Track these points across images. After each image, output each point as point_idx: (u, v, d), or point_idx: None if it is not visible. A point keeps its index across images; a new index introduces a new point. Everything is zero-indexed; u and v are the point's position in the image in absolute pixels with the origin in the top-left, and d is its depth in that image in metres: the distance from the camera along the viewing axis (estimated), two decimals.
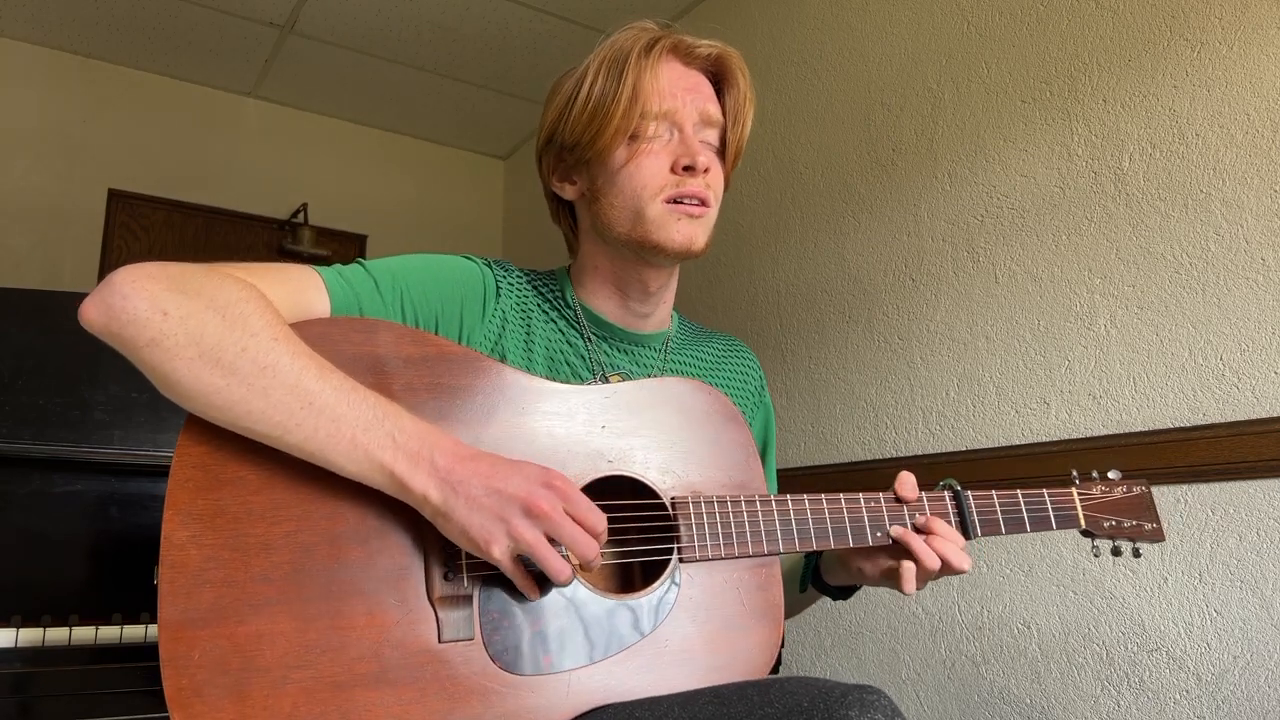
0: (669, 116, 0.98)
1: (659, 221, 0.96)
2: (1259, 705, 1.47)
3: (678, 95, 0.98)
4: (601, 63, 0.98)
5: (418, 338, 0.86)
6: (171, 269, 0.77)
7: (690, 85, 1.00)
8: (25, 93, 3.30)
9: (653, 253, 0.98)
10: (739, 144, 1.04)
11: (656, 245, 0.97)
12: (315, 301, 0.85)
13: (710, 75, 1.03)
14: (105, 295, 0.75)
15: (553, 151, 1.04)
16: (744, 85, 1.03)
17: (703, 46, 1.01)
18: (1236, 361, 1.55)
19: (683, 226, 0.97)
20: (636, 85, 0.96)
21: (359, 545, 0.77)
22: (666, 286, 1.07)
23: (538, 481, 0.76)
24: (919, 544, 0.94)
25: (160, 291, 0.75)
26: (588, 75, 0.99)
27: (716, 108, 1.02)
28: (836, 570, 1.07)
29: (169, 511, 0.74)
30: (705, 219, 0.99)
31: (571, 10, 3.10)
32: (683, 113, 0.98)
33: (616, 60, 0.97)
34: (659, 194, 0.96)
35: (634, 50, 0.97)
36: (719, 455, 0.93)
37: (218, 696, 0.71)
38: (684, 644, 0.85)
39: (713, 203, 1.00)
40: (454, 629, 0.78)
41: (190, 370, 0.74)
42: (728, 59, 1.03)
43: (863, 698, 0.69)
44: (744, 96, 1.03)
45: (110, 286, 0.75)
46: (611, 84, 0.96)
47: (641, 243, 0.97)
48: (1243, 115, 1.57)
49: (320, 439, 0.74)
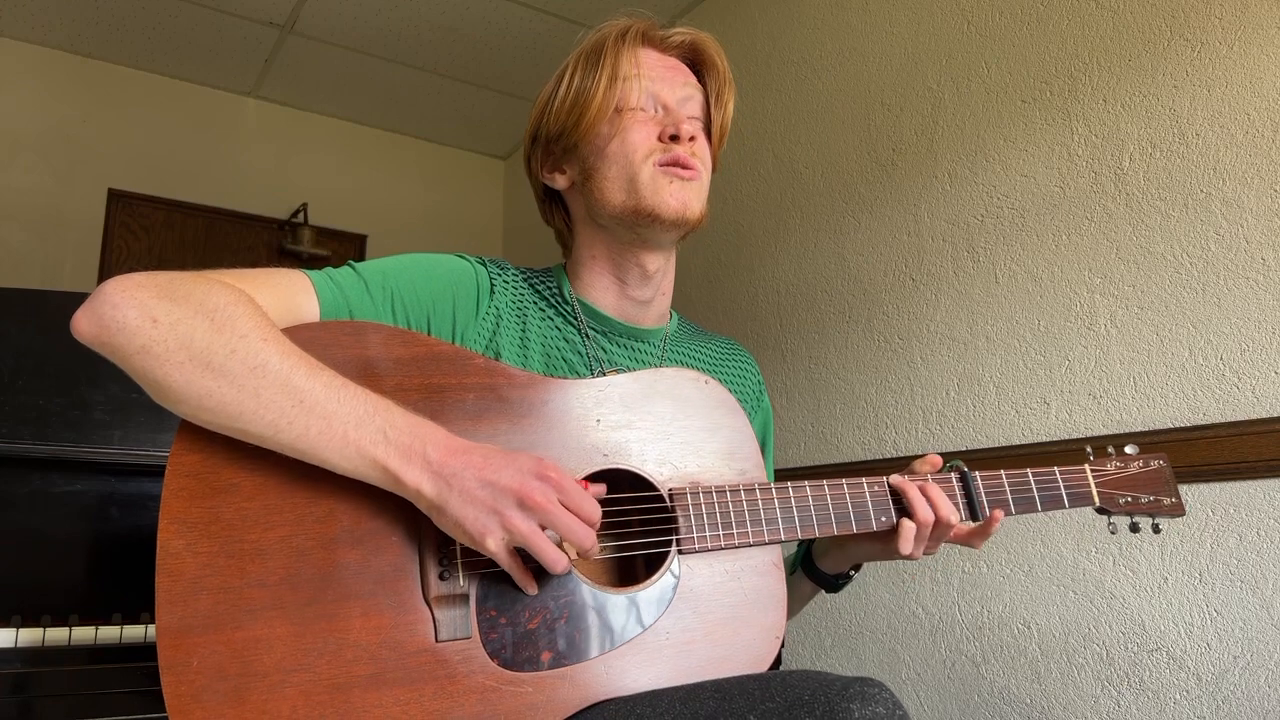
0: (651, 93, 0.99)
1: (652, 185, 0.96)
2: (1259, 705, 1.47)
3: (658, 75, 1.00)
4: (578, 59, 1.01)
5: (408, 338, 0.86)
6: (160, 277, 0.78)
7: (669, 66, 1.02)
8: (25, 93, 3.30)
9: (648, 221, 0.97)
10: (723, 124, 1.04)
11: (651, 211, 0.96)
12: (304, 305, 0.85)
13: (688, 61, 1.05)
14: (95, 305, 0.75)
15: (539, 146, 1.05)
16: (722, 67, 1.04)
17: (676, 34, 1.03)
18: (1236, 361, 1.55)
19: (675, 189, 0.97)
20: (615, 65, 0.98)
21: (354, 547, 0.77)
22: (665, 272, 1.07)
23: (531, 473, 0.76)
24: (914, 492, 0.95)
25: (149, 299, 0.75)
26: (566, 72, 1.01)
27: (698, 87, 1.03)
28: (832, 553, 1.07)
29: (164, 520, 0.74)
30: (697, 184, 0.99)
31: (572, 10, 3.10)
32: (664, 89, 1.00)
33: (593, 52, 1.00)
34: (649, 157, 0.97)
35: (609, 38, 1.00)
36: (717, 444, 0.93)
37: (217, 702, 0.71)
38: (685, 636, 0.85)
39: (702, 171, 1.00)
40: (451, 628, 0.78)
41: (181, 375, 0.74)
42: (702, 43, 1.04)
43: (864, 690, 0.69)
44: (723, 78, 1.04)
45: (100, 297, 0.76)
46: (590, 71, 0.99)
47: (636, 210, 0.97)
48: (1243, 115, 1.57)
49: (312, 437, 0.74)
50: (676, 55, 1.03)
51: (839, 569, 1.09)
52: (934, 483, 0.98)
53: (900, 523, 0.96)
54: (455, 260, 0.99)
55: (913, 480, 0.98)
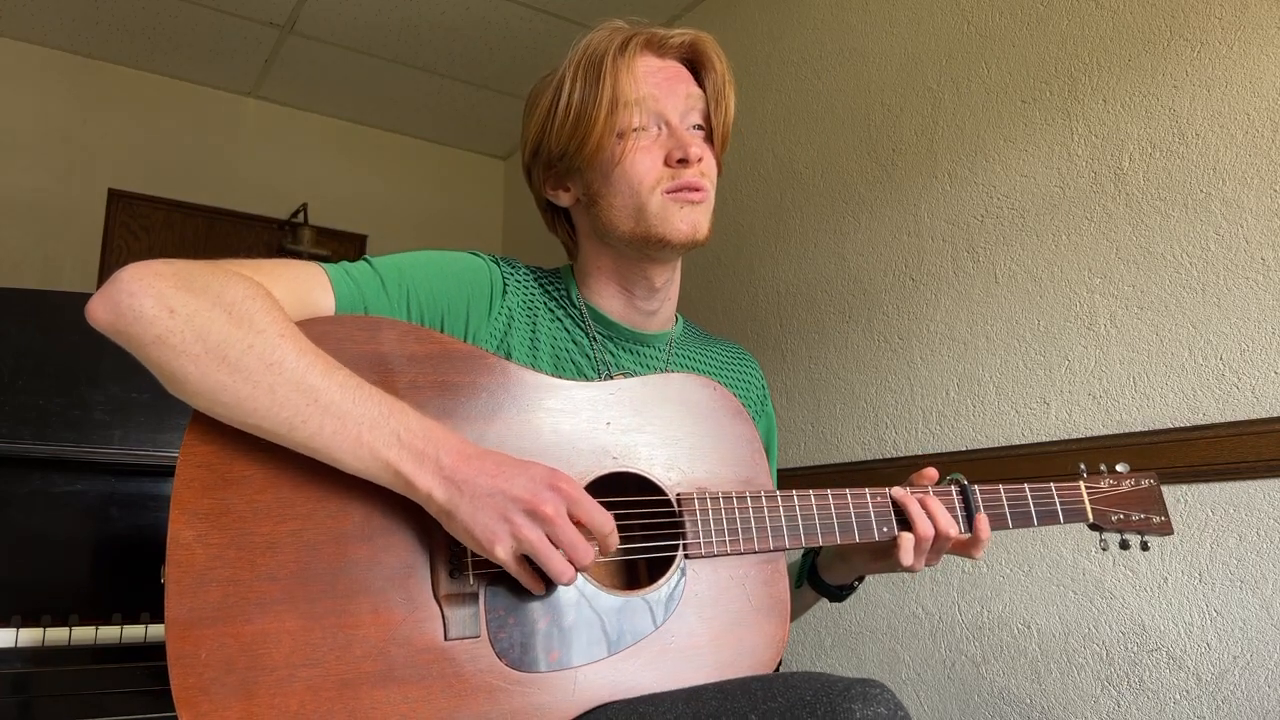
0: (654, 111, 0.98)
1: (661, 214, 0.96)
2: (1259, 705, 1.47)
3: (659, 87, 0.99)
4: (577, 68, 0.98)
5: (422, 335, 0.86)
6: (178, 266, 0.77)
7: (669, 75, 1.00)
8: (25, 93, 3.30)
9: (658, 247, 0.98)
10: (725, 126, 1.04)
11: (661, 239, 0.97)
12: (320, 299, 0.85)
13: (686, 63, 1.04)
14: (112, 293, 0.75)
15: (541, 163, 1.04)
16: (721, 67, 1.03)
17: (675, 36, 1.02)
18: (1236, 361, 1.55)
19: (685, 215, 0.97)
20: (616, 85, 0.96)
21: (365, 543, 0.77)
22: (671, 281, 1.07)
23: (543, 483, 0.76)
24: (914, 506, 0.96)
25: (167, 289, 0.75)
26: (565, 83, 0.99)
27: (699, 92, 1.02)
28: (835, 566, 1.07)
29: (175, 510, 0.74)
30: (705, 204, 0.99)
31: (571, 10, 3.10)
32: (667, 105, 0.98)
33: (592, 64, 0.97)
34: (657, 187, 0.96)
35: (609, 51, 0.97)
36: (724, 451, 0.93)
37: (224, 695, 0.71)
38: (690, 640, 0.85)
39: (710, 189, 1.00)
40: (460, 626, 0.78)
41: (196, 367, 0.74)
42: (701, 43, 1.03)
43: (866, 691, 0.69)
44: (723, 78, 1.03)
45: (117, 284, 0.75)
46: (590, 89, 0.96)
47: (646, 238, 0.97)
48: (1243, 115, 1.57)
49: (326, 436, 0.74)
50: (675, 57, 1.03)
51: (842, 580, 1.10)
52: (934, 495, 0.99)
53: (900, 536, 0.96)
54: (470, 258, 0.99)
55: (914, 492, 0.99)
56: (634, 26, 1.02)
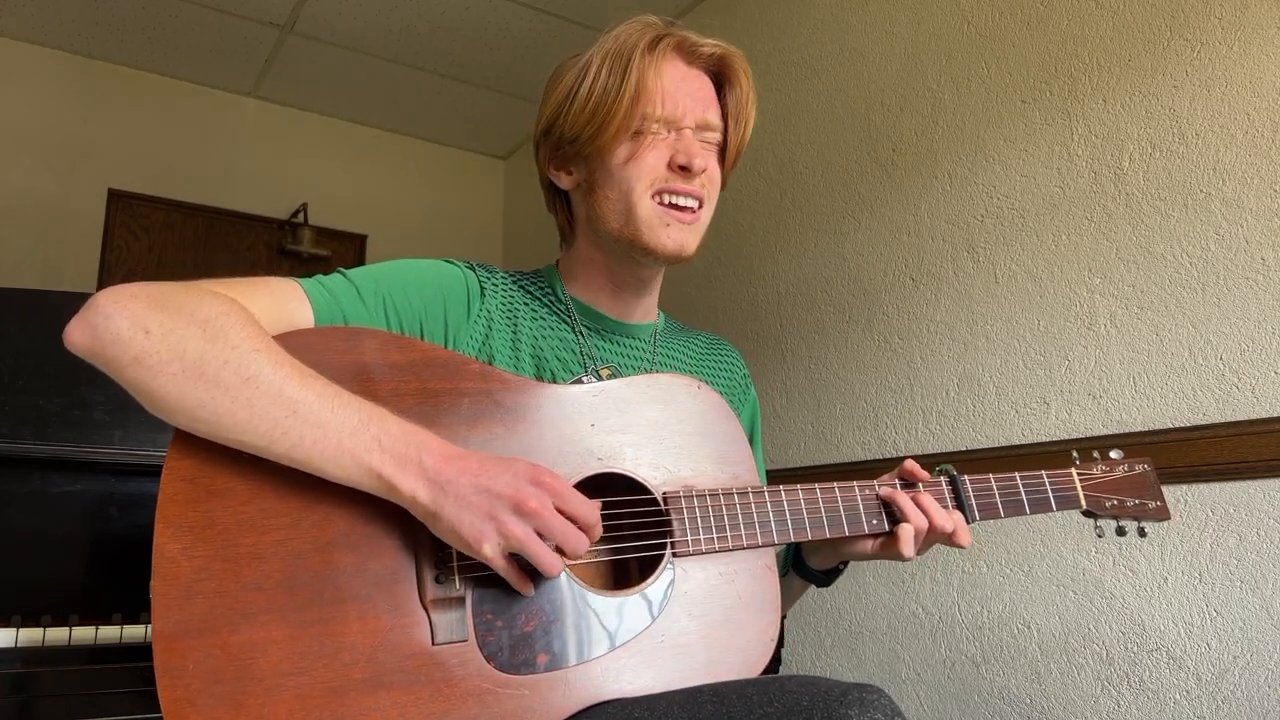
0: (670, 115, 0.98)
1: (649, 223, 0.97)
2: (1259, 705, 1.47)
3: (680, 98, 0.98)
4: (605, 56, 0.98)
5: (404, 343, 0.86)
6: (152, 288, 0.78)
7: (693, 86, 1.00)
8: (25, 93, 3.30)
9: (642, 254, 0.99)
10: (740, 144, 1.04)
11: (646, 248, 0.97)
12: (297, 312, 0.85)
13: (712, 75, 1.04)
14: (89, 317, 0.75)
15: (550, 141, 1.04)
16: (746, 85, 1.03)
17: (706, 46, 1.01)
18: (1236, 361, 1.55)
19: (673, 232, 0.97)
20: (640, 84, 0.96)
21: (350, 551, 0.77)
22: (658, 277, 1.09)
23: (526, 479, 0.76)
24: (905, 501, 0.97)
25: (142, 310, 0.75)
26: (590, 68, 0.98)
27: (717, 111, 1.02)
28: (821, 552, 1.07)
29: (159, 525, 0.74)
30: (697, 225, 1.00)
31: (571, 10, 3.10)
32: (684, 112, 0.98)
33: (620, 55, 0.97)
34: (650, 187, 0.97)
35: (638, 46, 0.97)
36: (710, 449, 0.94)
37: (213, 706, 0.71)
38: (680, 638, 0.85)
39: (706, 205, 1.00)
40: (447, 631, 0.78)
41: (174, 385, 0.74)
42: (731, 59, 1.03)
43: (862, 697, 0.69)
44: (746, 97, 1.03)
45: (93, 308, 0.75)
46: (615, 80, 0.96)
47: (632, 243, 0.98)
48: (1243, 115, 1.57)
49: (306, 446, 0.74)
50: (702, 67, 1.02)
51: (827, 565, 1.09)
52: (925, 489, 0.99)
53: (900, 527, 0.97)
54: (444, 265, 0.99)
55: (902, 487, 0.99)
56: (666, 26, 1.01)
